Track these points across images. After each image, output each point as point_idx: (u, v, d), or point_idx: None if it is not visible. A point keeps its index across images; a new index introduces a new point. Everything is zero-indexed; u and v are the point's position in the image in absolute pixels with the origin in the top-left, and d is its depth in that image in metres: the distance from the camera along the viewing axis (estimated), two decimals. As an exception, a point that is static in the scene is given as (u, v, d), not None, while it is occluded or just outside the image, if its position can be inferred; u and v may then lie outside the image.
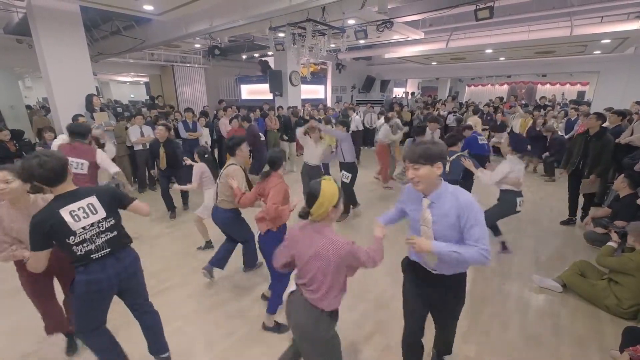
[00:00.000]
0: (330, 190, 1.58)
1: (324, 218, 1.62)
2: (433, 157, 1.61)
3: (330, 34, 5.64)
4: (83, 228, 1.80)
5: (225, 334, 2.63)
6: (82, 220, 1.80)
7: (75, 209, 1.78)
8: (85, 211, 1.82)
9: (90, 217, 1.83)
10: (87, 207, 1.83)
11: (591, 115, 4.36)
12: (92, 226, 1.84)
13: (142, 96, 18.69)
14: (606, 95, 10.31)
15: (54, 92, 5.53)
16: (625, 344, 2.20)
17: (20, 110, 9.57)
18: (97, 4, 5.26)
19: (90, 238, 1.84)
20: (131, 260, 2.06)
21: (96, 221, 1.85)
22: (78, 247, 1.80)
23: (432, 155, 1.60)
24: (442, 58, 11.96)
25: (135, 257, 2.11)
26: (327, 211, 1.59)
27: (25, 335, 2.62)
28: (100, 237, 1.88)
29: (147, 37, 7.02)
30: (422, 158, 1.61)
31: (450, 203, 1.62)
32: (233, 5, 5.14)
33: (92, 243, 1.84)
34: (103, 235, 1.89)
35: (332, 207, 1.59)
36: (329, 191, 1.58)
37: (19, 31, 7.15)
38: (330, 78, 13.81)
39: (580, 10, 6.93)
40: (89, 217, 1.82)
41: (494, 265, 3.59)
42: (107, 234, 1.91)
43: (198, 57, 11.71)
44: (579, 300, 3.05)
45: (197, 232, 4.03)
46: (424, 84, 21.62)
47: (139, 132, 5.98)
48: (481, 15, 4.83)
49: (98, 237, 1.87)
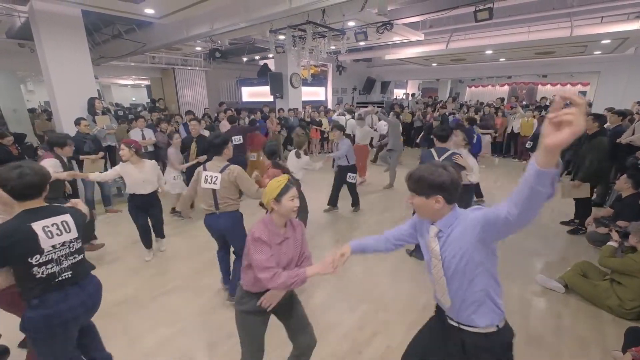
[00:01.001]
0: (273, 185, 1.67)
1: (271, 209, 1.70)
2: (428, 188, 1.35)
3: (331, 36, 5.66)
4: (53, 246, 1.65)
5: (227, 335, 2.63)
6: (55, 237, 1.65)
7: (49, 225, 1.64)
8: (60, 228, 1.68)
9: (63, 235, 1.69)
10: (61, 225, 1.69)
11: (588, 117, 4.30)
12: (63, 245, 1.69)
13: (144, 99, 18.76)
14: (607, 95, 10.31)
15: (55, 96, 5.56)
16: (627, 345, 2.19)
17: (22, 113, 9.62)
18: (98, 8, 5.30)
19: (58, 259, 1.67)
20: (95, 288, 1.88)
21: (68, 240, 1.71)
22: (40, 268, 1.61)
23: (426, 186, 1.35)
24: (443, 59, 11.98)
25: (98, 284, 1.92)
26: (268, 202, 1.68)
27: None
28: (69, 259, 1.72)
29: (148, 40, 7.05)
30: (415, 187, 1.40)
31: (460, 227, 1.35)
32: (234, 8, 5.16)
33: (57, 265, 1.67)
34: (71, 257, 1.73)
35: (272, 200, 1.67)
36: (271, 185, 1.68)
37: (21, 35, 7.20)
38: (331, 80, 13.84)
39: (580, 10, 6.94)
40: (62, 234, 1.68)
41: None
42: (75, 257, 1.75)
43: (199, 60, 11.75)
44: (581, 300, 3.04)
45: (199, 234, 4.04)
46: (425, 85, 21.63)
47: (140, 135, 6.00)
48: (481, 17, 4.84)
49: (66, 259, 1.70)
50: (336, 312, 2.88)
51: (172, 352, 2.47)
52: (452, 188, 1.34)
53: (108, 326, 2.73)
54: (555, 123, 0.87)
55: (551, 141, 0.88)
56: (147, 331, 2.70)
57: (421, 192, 1.37)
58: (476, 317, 1.41)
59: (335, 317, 2.81)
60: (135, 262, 3.80)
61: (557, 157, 0.92)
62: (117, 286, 3.34)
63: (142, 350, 2.49)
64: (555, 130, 0.88)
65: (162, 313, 2.92)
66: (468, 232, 1.31)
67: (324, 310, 2.92)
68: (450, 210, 1.39)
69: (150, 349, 2.50)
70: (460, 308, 1.43)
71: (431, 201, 1.35)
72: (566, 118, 0.85)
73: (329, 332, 2.62)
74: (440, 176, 1.33)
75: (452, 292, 1.42)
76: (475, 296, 1.38)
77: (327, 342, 2.50)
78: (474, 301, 1.39)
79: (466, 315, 1.43)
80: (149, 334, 2.66)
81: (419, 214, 1.46)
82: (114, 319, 2.85)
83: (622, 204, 3.80)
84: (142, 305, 3.06)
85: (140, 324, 2.79)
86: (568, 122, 0.85)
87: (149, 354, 2.46)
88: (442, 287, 1.45)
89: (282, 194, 1.65)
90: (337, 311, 2.90)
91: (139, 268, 3.69)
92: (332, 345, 2.51)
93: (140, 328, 2.75)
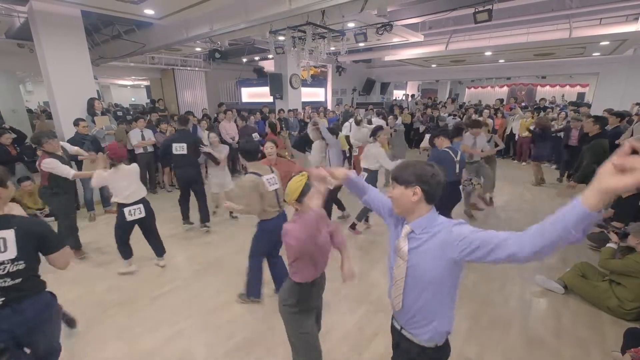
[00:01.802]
0: (293, 185, 1.71)
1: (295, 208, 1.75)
2: (408, 176, 1.30)
3: (330, 37, 5.66)
4: None
5: (226, 337, 2.63)
6: None
7: None
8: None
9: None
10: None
11: (588, 120, 4.28)
12: None
13: (143, 99, 18.76)
14: (606, 96, 10.34)
15: (55, 96, 5.55)
16: (627, 346, 2.20)
17: (21, 114, 9.62)
18: (98, 8, 5.29)
19: None
20: (37, 310, 1.65)
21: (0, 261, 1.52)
22: None
23: (407, 173, 1.31)
24: (442, 60, 11.99)
25: (46, 304, 1.71)
26: (291, 202, 1.73)
27: None
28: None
29: (148, 41, 7.05)
30: (397, 175, 1.34)
31: (439, 239, 1.27)
32: (233, 10, 5.16)
33: None
34: (1, 281, 1.53)
35: (294, 201, 1.71)
36: (291, 186, 1.71)
37: (20, 36, 7.19)
38: (331, 81, 13.85)
39: (579, 12, 6.95)
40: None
41: (495, 266, 3.59)
42: (6, 280, 1.54)
43: (199, 61, 11.75)
44: (580, 301, 3.04)
45: (200, 235, 4.04)
46: (424, 86, 21.66)
47: (139, 135, 6.00)
48: (480, 18, 4.85)
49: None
50: (336, 314, 2.88)
51: (172, 353, 2.46)
52: (433, 184, 1.29)
53: (108, 326, 2.73)
54: (618, 168, 0.83)
55: (613, 185, 0.83)
56: (147, 331, 2.69)
57: (401, 181, 1.32)
58: (421, 331, 1.38)
59: (335, 319, 2.80)
60: (135, 263, 3.79)
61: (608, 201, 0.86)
62: (117, 287, 3.34)
63: (142, 350, 2.48)
64: (616, 173, 0.83)
65: (162, 314, 2.92)
66: (448, 249, 1.23)
67: (323, 312, 2.91)
68: (428, 212, 1.33)
69: (150, 350, 2.50)
70: (409, 318, 1.41)
71: (409, 192, 1.30)
72: (633, 165, 0.81)
73: (329, 334, 2.61)
74: (423, 169, 1.30)
75: (407, 300, 1.38)
76: (427, 313, 1.34)
77: (327, 343, 2.50)
78: (425, 317, 1.35)
79: (411, 325, 1.40)
80: (149, 335, 2.65)
81: (395, 207, 1.39)
82: (114, 319, 2.85)
83: (621, 205, 3.79)
84: (142, 305, 3.05)
85: (140, 325, 2.78)
86: (632, 169, 0.81)
87: (149, 354, 2.46)
88: (398, 290, 1.40)
89: (303, 194, 1.68)
90: (337, 313, 2.90)
91: (139, 268, 3.68)
92: (333, 346, 2.50)
93: (140, 328, 2.74)
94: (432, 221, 1.32)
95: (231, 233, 4.60)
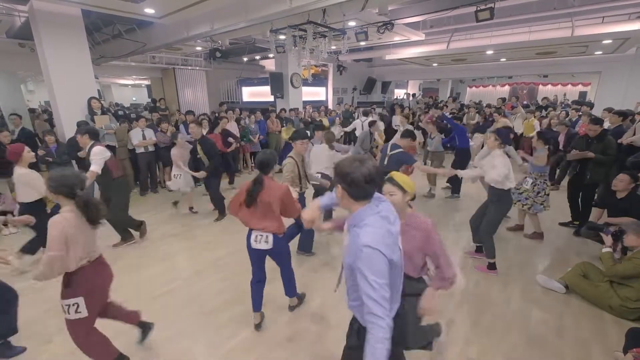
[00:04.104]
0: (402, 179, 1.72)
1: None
2: (336, 175, 1.34)
3: (331, 35, 5.64)
4: None
5: (227, 336, 2.63)
6: None
7: None
8: None
9: None
10: None
11: (589, 124, 4.25)
12: None
13: (144, 99, 18.78)
14: (608, 95, 10.30)
15: (56, 96, 5.56)
16: (628, 346, 2.19)
17: (22, 114, 9.61)
18: (98, 7, 5.29)
19: None
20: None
21: None
22: None
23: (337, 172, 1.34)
24: (443, 59, 11.97)
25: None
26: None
27: (27, 338, 2.62)
28: None
29: (148, 40, 7.04)
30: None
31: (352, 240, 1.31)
32: (234, 8, 5.15)
33: None
34: None
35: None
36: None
37: (21, 35, 7.19)
38: (331, 80, 13.83)
39: (581, 10, 6.93)
40: None
41: (496, 266, 3.57)
42: None
43: (199, 60, 11.74)
44: (582, 301, 3.03)
45: (198, 235, 4.04)
46: (425, 85, 21.62)
47: (140, 135, 6.00)
48: (482, 17, 4.83)
49: None
50: (336, 313, 2.86)
51: (172, 353, 2.46)
52: (353, 183, 1.26)
53: (108, 326, 2.73)
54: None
55: None
56: (147, 331, 2.69)
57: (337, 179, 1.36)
58: (359, 313, 1.45)
59: (335, 318, 2.79)
60: (135, 262, 3.80)
61: None
62: (116, 287, 3.32)
63: (142, 350, 2.48)
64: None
65: (162, 314, 2.91)
66: (351, 253, 1.29)
67: (323, 311, 2.92)
68: (358, 208, 1.33)
69: (151, 349, 2.50)
70: (349, 298, 1.50)
71: (339, 189, 1.34)
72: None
73: (329, 333, 2.61)
74: (348, 167, 1.27)
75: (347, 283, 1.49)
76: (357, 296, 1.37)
77: (327, 342, 2.50)
78: (357, 298, 1.38)
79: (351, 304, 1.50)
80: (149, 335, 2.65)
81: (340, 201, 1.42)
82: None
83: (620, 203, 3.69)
84: (142, 305, 3.04)
85: (140, 325, 2.78)
86: None
87: (149, 354, 2.46)
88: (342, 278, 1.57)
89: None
90: (337, 312, 2.89)
91: (139, 268, 3.68)
92: (332, 345, 2.50)
93: (140, 328, 2.74)
94: (360, 218, 1.32)
95: (231, 233, 4.60)
